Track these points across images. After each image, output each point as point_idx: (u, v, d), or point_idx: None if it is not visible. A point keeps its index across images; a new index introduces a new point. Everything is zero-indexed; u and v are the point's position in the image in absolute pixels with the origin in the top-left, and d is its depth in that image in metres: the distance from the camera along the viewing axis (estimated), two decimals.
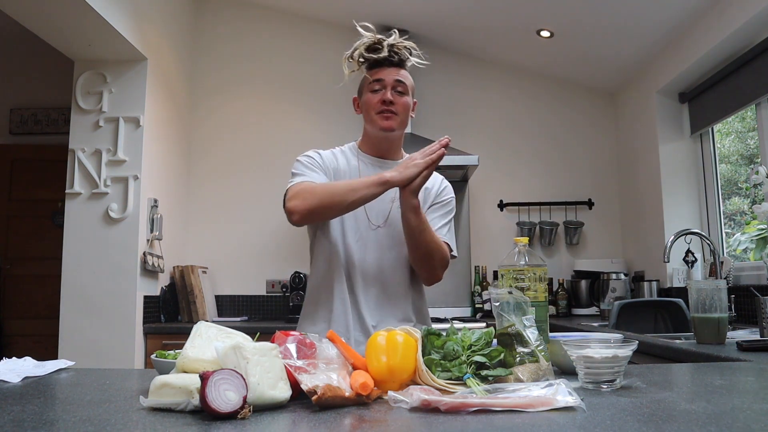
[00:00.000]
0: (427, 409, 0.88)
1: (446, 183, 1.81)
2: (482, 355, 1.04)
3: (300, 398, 0.94)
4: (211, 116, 4.12)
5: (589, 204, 4.07)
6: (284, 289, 3.85)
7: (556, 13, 3.39)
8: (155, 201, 3.41)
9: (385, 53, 1.63)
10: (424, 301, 1.78)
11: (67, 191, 3.25)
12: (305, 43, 4.16)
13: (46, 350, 3.33)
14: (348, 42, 1.71)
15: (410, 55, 1.69)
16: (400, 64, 1.68)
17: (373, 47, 1.64)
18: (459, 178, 3.88)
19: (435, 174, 1.74)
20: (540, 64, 4.07)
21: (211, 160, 4.09)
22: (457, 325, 1.42)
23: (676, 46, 3.27)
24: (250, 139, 4.10)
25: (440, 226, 1.70)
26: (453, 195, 1.79)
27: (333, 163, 1.71)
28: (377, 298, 1.66)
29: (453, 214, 1.77)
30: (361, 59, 1.66)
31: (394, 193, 1.60)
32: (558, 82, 4.16)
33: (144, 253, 3.25)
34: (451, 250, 1.70)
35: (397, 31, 1.70)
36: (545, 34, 3.61)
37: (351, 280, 1.66)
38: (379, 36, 1.65)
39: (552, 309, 3.71)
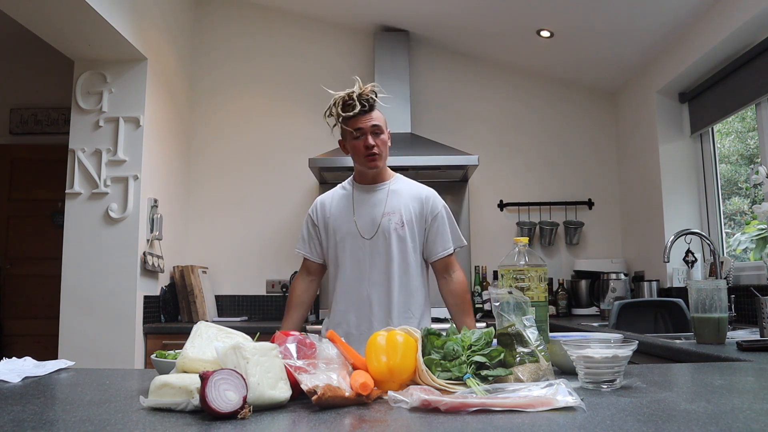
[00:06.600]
0: (427, 409, 0.88)
1: (431, 195, 2.08)
2: (482, 355, 1.04)
3: (300, 398, 0.94)
4: (211, 116, 4.12)
5: (589, 204, 4.07)
6: (284, 289, 3.85)
7: (556, 13, 3.39)
8: (155, 201, 3.41)
9: (357, 107, 1.92)
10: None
11: (67, 191, 3.25)
12: (305, 42, 4.15)
13: (46, 350, 3.32)
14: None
15: (375, 97, 1.98)
16: (371, 109, 1.97)
17: (346, 103, 1.95)
18: (459, 178, 3.88)
19: (420, 187, 2.10)
20: (540, 64, 4.07)
21: (211, 159, 4.09)
22: None
23: (676, 46, 3.27)
24: (250, 139, 4.10)
25: (447, 237, 2.05)
26: (439, 201, 2.08)
27: (329, 203, 2.11)
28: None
29: (447, 212, 2.08)
30: (339, 117, 1.98)
31: (383, 208, 2.00)
32: (558, 82, 4.16)
33: (144, 253, 3.25)
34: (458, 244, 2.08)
35: (358, 78, 1.99)
36: (545, 34, 3.60)
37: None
38: (348, 91, 1.95)
39: (552, 309, 3.71)
